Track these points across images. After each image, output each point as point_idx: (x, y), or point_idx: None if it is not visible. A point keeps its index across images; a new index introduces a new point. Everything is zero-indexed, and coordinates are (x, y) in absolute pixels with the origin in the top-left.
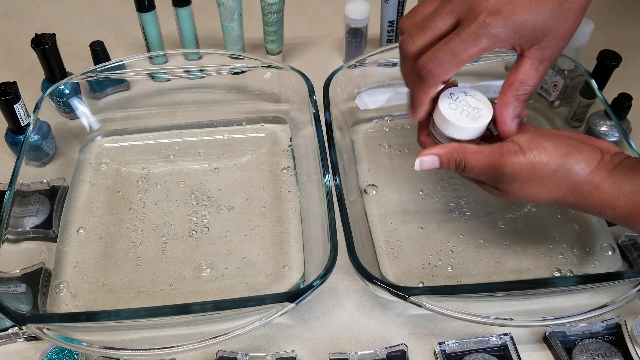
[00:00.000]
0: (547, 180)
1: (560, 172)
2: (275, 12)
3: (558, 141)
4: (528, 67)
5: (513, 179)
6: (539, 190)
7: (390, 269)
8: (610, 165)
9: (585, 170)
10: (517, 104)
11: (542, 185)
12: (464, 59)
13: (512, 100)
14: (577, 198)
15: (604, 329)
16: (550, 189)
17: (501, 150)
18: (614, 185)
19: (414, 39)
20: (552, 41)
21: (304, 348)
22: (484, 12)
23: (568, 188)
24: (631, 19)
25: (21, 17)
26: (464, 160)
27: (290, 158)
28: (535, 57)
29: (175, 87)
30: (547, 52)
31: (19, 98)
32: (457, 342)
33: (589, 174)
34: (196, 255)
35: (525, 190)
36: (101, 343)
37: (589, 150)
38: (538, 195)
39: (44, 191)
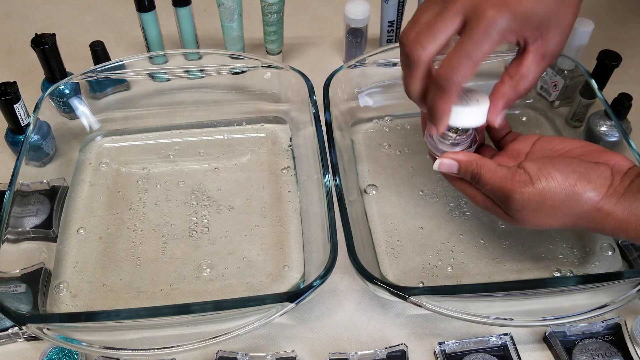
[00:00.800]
0: (556, 210)
1: (568, 201)
2: (275, 12)
3: (567, 168)
4: (531, 61)
5: (522, 207)
6: (549, 219)
7: (390, 269)
8: (620, 190)
9: (594, 199)
10: (513, 96)
11: (551, 215)
12: (479, 59)
13: (509, 91)
14: (588, 224)
15: (604, 329)
16: (560, 217)
17: (513, 177)
18: (625, 210)
19: (424, 45)
20: (555, 35)
21: (304, 348)
22: (490, 7)
23: (578, 216)
24: (631, 19)
25: (21, 17)
26: (480, 174)
27: (290, 158)
28: (538, 51)
29: (175, 87)
30: (549, 46)
31: (19, 98)
32: (457, 342)
33: (599, 202)
34: (196, 255)
35: (534, 219)
36: (101, 343)
37: (597, 178)
38: (548, 223)
39: (44, 191)
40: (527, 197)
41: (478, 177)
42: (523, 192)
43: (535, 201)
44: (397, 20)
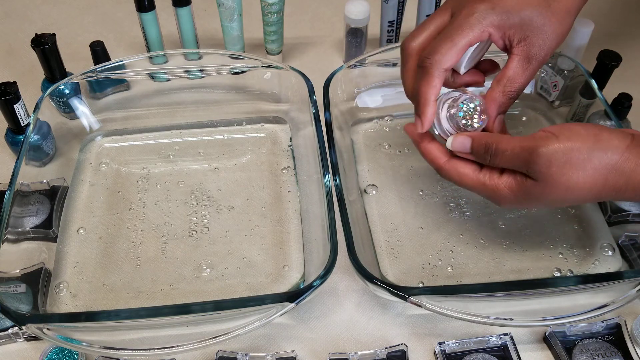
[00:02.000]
0: (586, 163)
1: (596, 151)
2: (275, 12)
3: (587, 125)
4: (516, 64)
5: (550, 162)
6: (580, 176)
7: (390, 269)
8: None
9: (620, 148)
10: (504, 100)
11: (581, 169)
12: (460, 43)
13: (498, 95)
14: (618, 180)
15: (604, 329)
16: (591, 173)
17: (534, 137)
18: None
19: (414, 36)
20: (539, 38)
21: (304, 348)
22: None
23: (608, 169)
24: (631, 19)
25: (21, 17)
26: (496, 143)
27: (290, 158)
28: (522, 53)
29: (175, 87)
30: (533, 49)
31: (19, 98)
32: (457, 342)
33: (626, 150)
34: (196, 255)
35: (564, 175)
36: (101, 343)
37: (617, 131)
38: (580, 183)
39: (44, 191)
40: (553, 150)
41: (494, 146)
42: (549, 146)
43: (563, 153)
44: (397, 20)
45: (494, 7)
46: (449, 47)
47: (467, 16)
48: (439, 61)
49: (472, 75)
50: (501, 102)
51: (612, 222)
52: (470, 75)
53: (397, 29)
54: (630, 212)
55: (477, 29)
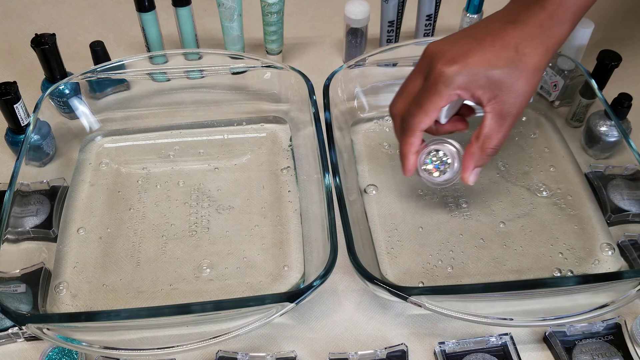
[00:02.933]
0: None
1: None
2: (275, 12)
3: None
4: (490, 121)
5: None
6: None
7: (390, 269)
8: None
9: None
10: (481, 156)
11: None
12: (429, 108)
13: (477, 151)
14: None
15: (604, 329)
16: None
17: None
18: None
19: (394, 102)
20: (508, 97)
21: (304, 348)
22: (441, 62)
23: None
24: (631, 19)
25: (21, 17)
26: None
27: (290, 158)
28: (494, 111)
29: (175, 87)
30: (505, 107)
31: (19, 98)
32: (457, 342)
33: None
34: (196, 255)
35: None
36: (101, 343)
37: None
38: None
39: (44, 191)
40: None
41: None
42: None
43: None
44: (397, 20)
45: (460, 70)
46: (421, 113)
47: (435, 82)
48: (414, 125)
49: (454, 123)
50: (479, 157)
51: (612, 222)
52: (451, 124)
53: (397, 29)
54: (630, 212)
55: (445, 94)
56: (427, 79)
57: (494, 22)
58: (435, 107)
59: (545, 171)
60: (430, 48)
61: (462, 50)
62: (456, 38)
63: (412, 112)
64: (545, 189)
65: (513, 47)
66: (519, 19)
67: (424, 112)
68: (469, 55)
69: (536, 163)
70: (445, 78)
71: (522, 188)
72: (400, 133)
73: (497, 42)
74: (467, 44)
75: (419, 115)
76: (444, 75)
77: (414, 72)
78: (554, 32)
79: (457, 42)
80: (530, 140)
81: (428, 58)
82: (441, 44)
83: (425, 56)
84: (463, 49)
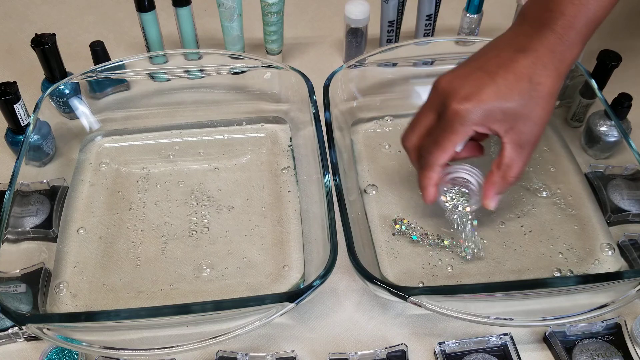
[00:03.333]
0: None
1: None
2: (275, 12)
3: None
4: (510, 151)
5: None
6: None
7: (390, 269)
8: None
9: None
10: (503, 184)
11: None
12: (447, 146)
13: (498, 180)
14: None
15: (604, 329)
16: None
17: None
18: None
19: (408, 136)
20: (526, 126)
21: (304, 348)
22: (455, 101)
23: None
24: (631, 19)
25: (21, 17)
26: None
27: (290, 158)
28: (513, 141)
29: (175, 87)
30: (523, 136)
31: (19, 98)
32: (457, 342)
33: None
34: (196, 255)
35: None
36: (101, 343)
37: None
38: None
39: (44, 191)
40: None
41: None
42: None
43: None
44: (397, 20)
45: (475, 108)
46: (439, 150)
47: (450, 121)
48: (432, 161)
49: (470, 150)
50: (500, 185)
51: (612, 222)
52: (467, 150)
53: (397, 29)
54: (630, 212)
55: (461, 132)
56: (441, 117)
57: (504, 50)
58: (452, 144)
59: (545, 171)
60: (442, 85)
61: (475, 86)
62: (467, 72)
63: (429, 150)
64: (545, 189)
65: (527, 78)
66: (530, 46)
67: (441, 149)
68: (482, 92)
69: (536, 163)
70: (461, 117)
71: (522, 188)
72: (418, 166)
73: (509, 74)
74: (479, 79)
75: (436, 153)
76: (459, 115)
77: (426, 108)
78: (565, 57)
79: (468, 77)
80: None
81: (440, 95)
82: (452, 80)
83: (437, 93)
84: (476, 84)
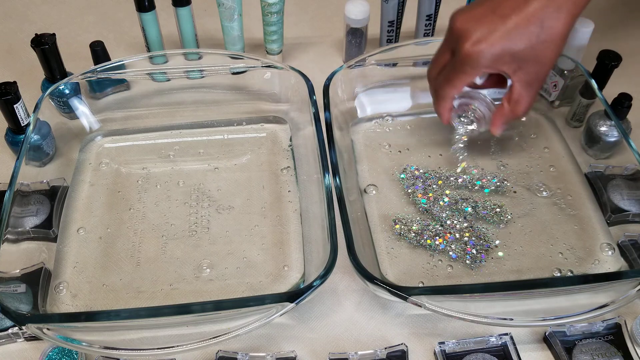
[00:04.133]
0: None
1: None
2: (275, 12)
3: None
4: (518, 89)
5: None
6: None
7: (390, 269)
8: None
9: None
10: (511, 117)
11: None
12: (457, 84)
13: (507, 113)
14: None
15: (604, 329)
16: None
17: None
18: None
19: (430, 69)
20: (534, 67)
21: (304, 348)
22: (467, 44)
23: None
24: (631, 19)
25: (21, 17)
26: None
27: (290, 158)
28: (521, 80)
29: (175, 87)
30: (531, 76)
31: (19, 98)
32: (457, 342)
33: None
34: (196, 255)
35: None
36: (101, 343)
37: None
38: None
39: (44, 191)
40: None
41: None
42: None
43: None
44: (397, 20)
45: (485, 51)
46: (450, 87)
47: (461, 63)
48: (444, 94)
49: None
50: (509, 117)
51: (612, 222)
52: (490, 82)
53: (397, 29)
54: (630, 212)
55: (471, 73)
56: (454, 56)
57: None
58: (462, 83)
59: (545, 171)
60: (457, 25)
61: (487, 30)
62: (481, 14)
63: (441, 85)
64: (545, 189)
65: (538, 22)
66: None
67: (452, 86)
68: (493, 36)
69: (536, 163)
70: (471, 60)
71: (522, 188)
72: (433, 96)
73: (521, 18)
74: (492, 22)
75: (447, 88)
76: (470, 57)
77: (443, 45)
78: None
79: (481, 20)
80: (530, 140)
81: (454, 35)
82: (467, 22)
83: (452, 32)
84: (488, 28)
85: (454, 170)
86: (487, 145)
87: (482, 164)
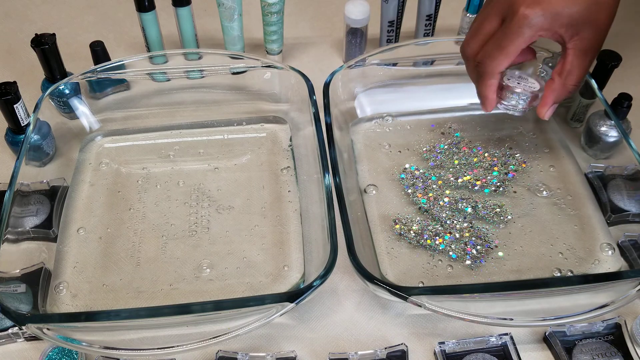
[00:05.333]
0: None
1: None
2: (275, 12)
3: None
4: (572, 57)
5: None
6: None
7: (390, 269)
8: None
9: None
10: (562, 92)
11: None
12: (510, 50)
13: (559, 87)
14: None
15: (604, 329)
16: None
17: None
18: None
19: (469, 43)
20: (590, 32)
21: (304, 348)
22: (523, 5)
23: None
24: (631, 19)
25: (21, 17)
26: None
27: (290, 158)
28: (577, 47)
29: (175, 87)
30: (587, 43)
31: (19, 98)
32: (457, 342)
33: None
34: (196, 255)
35: None
36: (101, 343)
37: None
38: None
39: (44, 191)
40: None
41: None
42: None
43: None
44: (397, 20)
45: (543, 11)
46: (502, 55)
47: (518, 24)
48: (494, 67)
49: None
50: (560, 93)
51: (612, 222)
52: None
53: (397, 29)
54: (630, 212)
55: (527, 35)
56: (506, 21)
57: None
58: (517, 49)
59: (545, 171)
60: None
61: None
62: None
63: (492, 55)
64: (545, 189)
65: None
66: None
67: (505, 54)
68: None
69: (536, 163)
70: (529, 21)
71: (522, 188)
72: (476, 75)
73: None
74: None
75: (499, 58)
76: (528, 18)
77: (490, 13)
78: None
79: None
80: (530, 140)
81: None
82: None
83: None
84: None
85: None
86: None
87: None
